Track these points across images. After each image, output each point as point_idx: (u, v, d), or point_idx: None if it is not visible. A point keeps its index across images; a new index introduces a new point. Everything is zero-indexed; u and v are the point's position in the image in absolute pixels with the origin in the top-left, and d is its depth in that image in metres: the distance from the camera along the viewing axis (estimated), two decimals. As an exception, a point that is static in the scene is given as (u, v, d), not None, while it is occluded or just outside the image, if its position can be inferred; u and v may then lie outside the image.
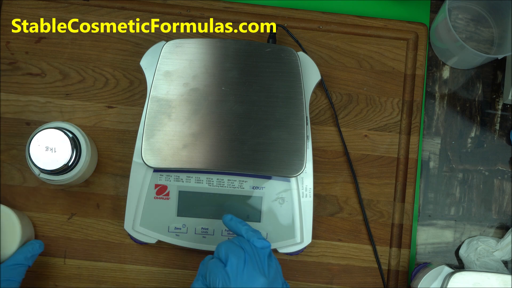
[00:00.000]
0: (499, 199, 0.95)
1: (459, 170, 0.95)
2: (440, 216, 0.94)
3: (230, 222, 0.78)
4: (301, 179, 0.88)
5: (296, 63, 0.86)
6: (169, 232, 0.87)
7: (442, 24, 0.91)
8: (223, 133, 0.84)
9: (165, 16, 0.95)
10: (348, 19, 0.95)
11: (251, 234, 0.76)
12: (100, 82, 0.93)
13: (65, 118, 0.92)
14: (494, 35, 0.98)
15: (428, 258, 0.94)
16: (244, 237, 0.76)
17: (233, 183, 0.87)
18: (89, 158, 0.85)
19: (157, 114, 0.85)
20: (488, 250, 0.92)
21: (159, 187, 0.87)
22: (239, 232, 0.77)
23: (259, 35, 0.94)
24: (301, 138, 0.84)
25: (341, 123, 0.94)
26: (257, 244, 0.75)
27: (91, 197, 0.92)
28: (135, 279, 0.91)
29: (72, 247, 0.91)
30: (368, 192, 0.93)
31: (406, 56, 0.95)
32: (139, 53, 0.92)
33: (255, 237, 0.76)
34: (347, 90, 0.94)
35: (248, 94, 0.85)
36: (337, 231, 0.92)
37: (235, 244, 0.75)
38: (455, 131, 0.96)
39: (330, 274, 0.91)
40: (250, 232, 0.76)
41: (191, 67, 0.86)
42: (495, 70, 0.97)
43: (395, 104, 0.94)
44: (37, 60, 0.93)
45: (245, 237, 0.76)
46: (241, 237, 0.77)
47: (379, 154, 0.93)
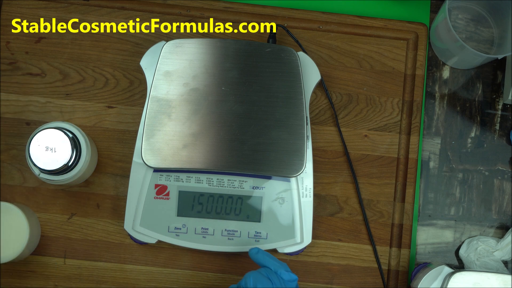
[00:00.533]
0: (499, 199, 0.95)
1: (459, 170, 0.95)
2: (440, 216, 0.94)
3: (257, 255, 0.79)
4: (301, 179, 0.88)
5: (296, 63, 0.86)
6: (169, 232, 0.87)
7: (442, 24, 0.91)
8: (223, 133, 0.84)
9: (165, 16, 0.95)
10: (348, 19, 0.95)
11: (279, 266, 0.77)
12: (100, 82, 0.93)
13: (65, 118, 0.92)
14: (494, 35, 0.98)
15: (428, 258, 0.94)
16: (272, 269, 0.77)
17: (233, 183, 0.87)
18: (89, 158, 0.85)
19: (157, 114, 0.85)
20: (488, 250, 0.92)
21: (159, 187, 0.87)
22: (266, 265, 0.78)
23: (259, 35, 0.94)
24: (301, 138, 0.84)
25: (341, 123, 0.94)
26: (284, 277, 0.76)
27: (91, 197, 0.92)
28: (135, 279, 0.91)
29: (72, 247, 0.91)
30: (368, 192, 0.93)
31: (406, 56, 0.95)
32: (139, 53, 0.92)
33: (282, 269, 0.77)
34: (347, 90, 0.94)
35: (248, 94, 0.85)
36: (337, 231, 0.92)
37: (263, 275, 0.76)
38: (455, 131, 0.96)
39: (330, 274, 0.91)
40: (278, 265, 0.77)
41: (191, 67, 0.86)
42: (495, 70, 0.97)
43: (395, 104, 0.94)
44: (37, 60, 0.93)
45: (273, 269, 0.77)
46: (268, 268, 0.77)
47: (379, 154, 0.93)
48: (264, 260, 0.78)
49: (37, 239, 0.89)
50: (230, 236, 0.87)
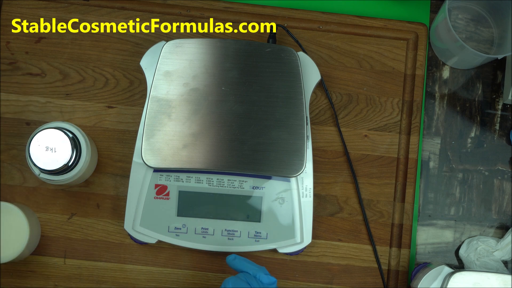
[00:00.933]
0: (499, 199, 0.95)
1: (459, 170, 0.95)
2: (440, 216, 0.94)
3: (234, 261, 0.78)
4: (301, 179, 0.88)
5: (296, 63, 0.86)
6: (169, 232, 0.87)
7: (442, 24, 0.91)
8: (223, 133, 0.84)
9: (165, 16, 0.95)
10: (348, 19, 0.95)
11: (257, 270, 0.77)
12: (100, 82, 0.93)
13: (65, 118, 0.92)
14: (494, 35, 0.98)
15: (428, 258, 0.94)
16: (250, 273, 0.77)
17: (233, 183, 0.87)
18: (89, 158, 0.85)
19: (157, 114, 0.85)
20: (488, 250, 0.92)
21: (159, 187, 0.87)
22: (245, 270, 0.77)
23: (259, 35, 0.94)
24: (301, 138, 0.84)
25: (341, 123, 0.94)
26: (263, 280, 0.76)
27: (91, 197, 0.92)
28: (135, 279, 0.91)
29: (72, 247, 0.91)
30: (368, 192, 0.93)
31: (406, 56, 0.95)
32: (139, 53, 0.92)
33: (261, 273, 0.76)
34: (347, 90, 0.94)
35: (248, 94, 0.85)
36: (337, 231, 0.92)
37: (242, 280, 0.75)
38: (455, 131, 0.96)
39: (330, 274, 0.91)
40: (256, 268, 0.77)
41: (191, 67, 0.86)
42: (495, 70, 0.97)
43: (395, 104, 0.94)
44: (37, 60, 0.93)
45: (251, 273, 0.76)
46: (247, 273, 0.77)
47: (379, 154, 0.93)
48: (242, 266, 0.78)
49: (37, 239, 0.89)
50: (230, 236, 0.87)
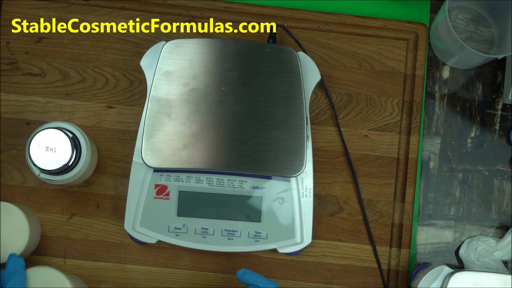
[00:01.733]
0: (499, 199, 0.95)
1: (459, 170, 0.95)
2: (440, 216, 0.94)
3: (244, 275, 0.79)
4: (301, 179, 0.88)
5: (296, 63, 0.86)
6: (169, 232, 0.87)
7: (442, 24, 0.91)
8: (223, 133, 0.84)
9: (165, 16, 0.95)
10: (348, 19, 0.95)
11: (267, 284, 0.77)
12: (100, 82, 0.93)
13: (65, 118, 0.92)
14: (494, 35, 0.98)
15: (428, 258, 0.94)
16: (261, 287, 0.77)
17: (233, 183, 0.87)
18: (89, 158, 0.85)
19: (157, 114, 0.85)
20: (488, 250, 0.92)
21: (159, 187, 0.87)
22: (255, 284, 0.78)
23: (259, 35, 0.94)
24: (301, 138, 0.84)
25: (341, 123, 0.94)
26: None
27: (91, 197, 0.92)
28: (135, 279, 0.91)
29: (72, 247, 0.91)
30: (368, 192, 0.93)
31: (406, 56, 0.95)
32: (139, 53, 0.92)
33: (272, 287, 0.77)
34: (347, 90, 0.94)
35: (248, 94, 0.85)
36: (337, 231, 0.92)
37: None
38: (455, 131, 0.96)
39: (330, 274, 0.91)
40: (266, 282, 0.77)
41: (191, 67, 0.86)
42: (495, 70, 0.97)
43: (395, 104, 0.94)
44: (37, 60, 0.93)
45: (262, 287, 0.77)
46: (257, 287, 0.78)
47: (379, 154, 0.93)
48: (252, 280, 0.78)
49: (37, 239, 0.89)
50: (230, 236, 0.87)
